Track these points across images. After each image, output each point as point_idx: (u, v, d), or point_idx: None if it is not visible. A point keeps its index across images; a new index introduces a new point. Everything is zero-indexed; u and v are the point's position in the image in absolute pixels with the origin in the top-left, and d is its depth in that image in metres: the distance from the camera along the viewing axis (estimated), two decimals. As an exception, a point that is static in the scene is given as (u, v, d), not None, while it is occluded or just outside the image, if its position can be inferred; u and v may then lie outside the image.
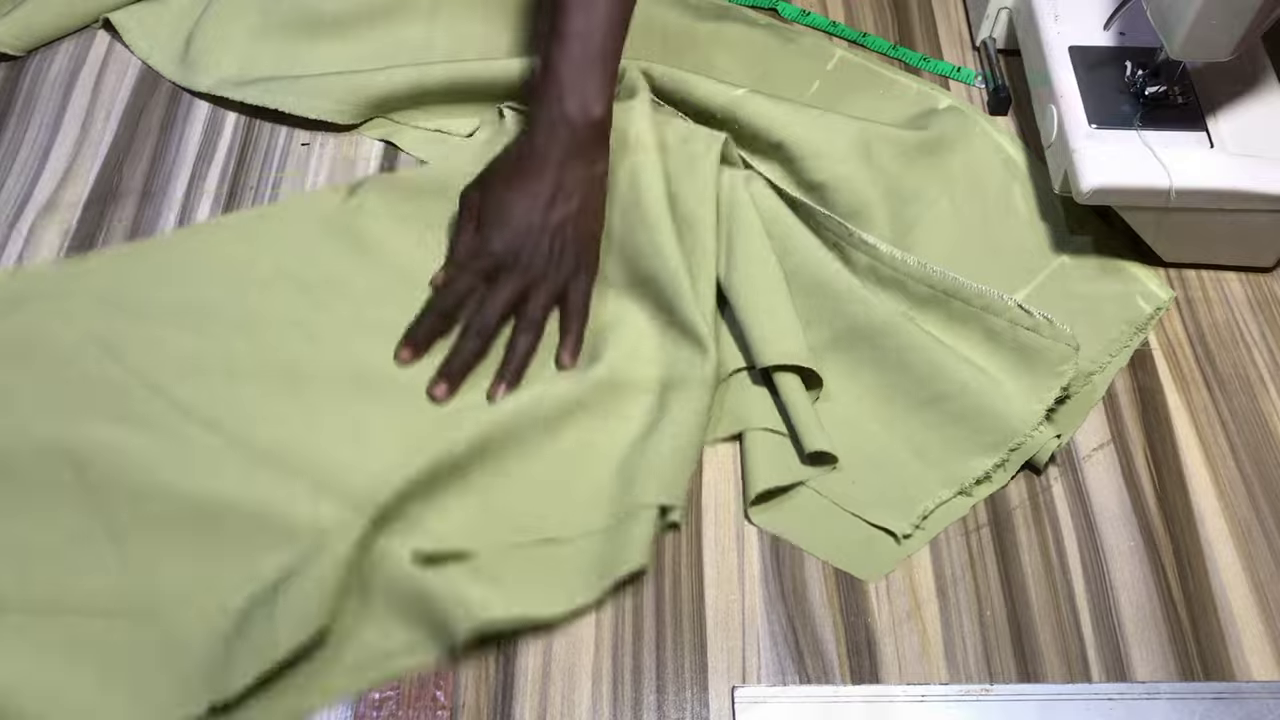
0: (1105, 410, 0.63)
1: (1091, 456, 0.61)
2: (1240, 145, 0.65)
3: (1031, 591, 0.56)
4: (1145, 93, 0.67)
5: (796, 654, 0.53)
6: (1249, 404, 0.63)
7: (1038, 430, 0.58)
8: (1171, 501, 0.59)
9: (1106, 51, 0.70)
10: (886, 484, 0.58)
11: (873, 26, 0.83)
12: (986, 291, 0.61)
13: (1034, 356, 0.59)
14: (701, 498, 0.58)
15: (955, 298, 0.61)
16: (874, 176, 0.68)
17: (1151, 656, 0.54)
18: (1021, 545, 0.57)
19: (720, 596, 0.55)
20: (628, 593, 0.55)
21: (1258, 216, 0.65)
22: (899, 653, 0.54)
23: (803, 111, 0.70)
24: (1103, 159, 0.64)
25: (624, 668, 0.53)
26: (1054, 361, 0.59)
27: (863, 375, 0.61)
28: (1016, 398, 0.58)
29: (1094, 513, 0.59)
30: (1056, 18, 0.72)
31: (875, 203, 0.67)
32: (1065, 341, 0.59)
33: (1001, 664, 0.53)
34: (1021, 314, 0.60)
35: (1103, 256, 0.68)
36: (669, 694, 0.52)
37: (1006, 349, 0.60)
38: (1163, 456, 0.61)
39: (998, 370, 0.60)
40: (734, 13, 0.80)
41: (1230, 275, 0.69)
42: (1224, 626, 0.55)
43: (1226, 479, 0.60)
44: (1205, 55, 0.64)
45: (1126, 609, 0.55)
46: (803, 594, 0.55)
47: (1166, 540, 0.58)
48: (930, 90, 0.76)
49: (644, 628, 0.54)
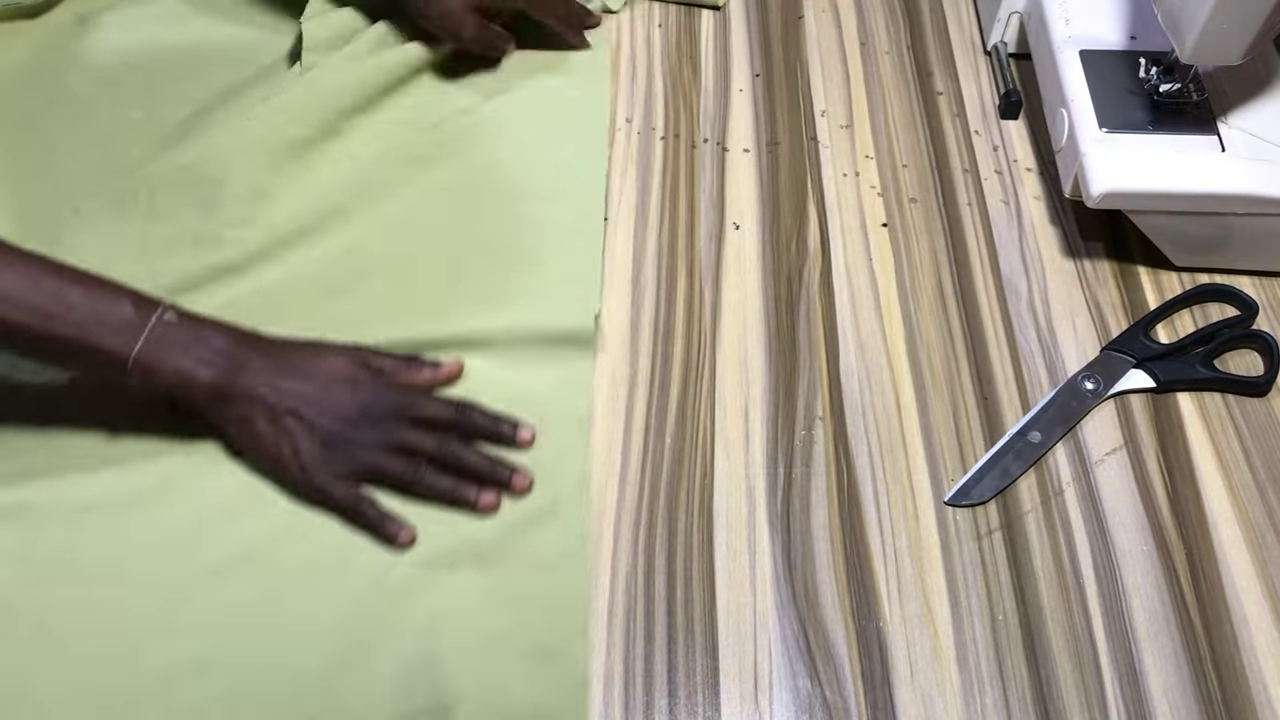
0: (1118, 415, 0.62)
1: (1104, 461, 0.61)
2: (1252, 149, 0.65)
3: (1043, 595, 0.56)
4: (1160, 90, 0.67)
5: (808, 657, 0.53)
6: (1263, 408, 0.63)
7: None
8: (1184, 506, 0.59)
9: (1117, 55, 0.70)
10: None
11: (884, 30, 0.83)
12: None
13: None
14: (713, 503, 0.59)
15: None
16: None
17: (1164, 661, 0.54)
18: (1033, 549, 0.57)
19: (732, 600, 0.55)
20: (639, 596, 0.55)
21: (1270, 220, 0.65)
22: (910, 655, 0.54)
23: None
24: (1113, 163, 0.64)
25: (635, 671, 0.53)
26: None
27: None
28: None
29: (1106, 517, 0.58)
30: (1067, 21, 0.72)
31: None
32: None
33: (1013, 667, 0.53)
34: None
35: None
36: (680, 697, 0.52)
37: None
38: (1175, 461, 0.61)
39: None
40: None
41: (1244, 279, 0.69)
42: (1237, 631, 0.55)
43: (1240, 484, 0.60)
44: (1216, 59, 0.63)
45: (1139, 613, 0.55)
46: (814, 597, 0.55)
47: (1179, 545, 0.58)
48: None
49: (655, 631, 0.54)
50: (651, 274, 0.68)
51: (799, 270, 0.69)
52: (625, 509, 0.58)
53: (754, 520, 0.58)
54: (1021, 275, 0.69)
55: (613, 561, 0.56)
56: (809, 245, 0.70)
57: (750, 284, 0.68)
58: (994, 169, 0.75)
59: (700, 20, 0.84)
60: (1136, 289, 0.68)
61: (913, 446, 0.61)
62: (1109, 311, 0.67)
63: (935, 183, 0.74)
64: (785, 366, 0.64)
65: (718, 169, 0.74)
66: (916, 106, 0.79)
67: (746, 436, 0.61)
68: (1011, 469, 0.60)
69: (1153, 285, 0.68)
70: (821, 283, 0.68)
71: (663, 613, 0.55)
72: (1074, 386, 0.63)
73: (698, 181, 0.73)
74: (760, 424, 0.62)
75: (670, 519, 0.58)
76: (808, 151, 0.75)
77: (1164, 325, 0.66)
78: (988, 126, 0.77)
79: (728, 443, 0.61)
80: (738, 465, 0.60)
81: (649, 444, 0.61)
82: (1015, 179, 0.74)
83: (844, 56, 0.82)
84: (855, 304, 0.67)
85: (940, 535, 0.58)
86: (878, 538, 0.58)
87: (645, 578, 0.56)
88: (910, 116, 0.78)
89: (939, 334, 0.66)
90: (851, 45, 0.82)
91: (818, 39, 0.83)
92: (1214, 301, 0.68)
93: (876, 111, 0.78)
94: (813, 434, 0.61)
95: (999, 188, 0.74)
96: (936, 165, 0.75)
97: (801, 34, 0.83)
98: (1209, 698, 0.52)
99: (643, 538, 0.57)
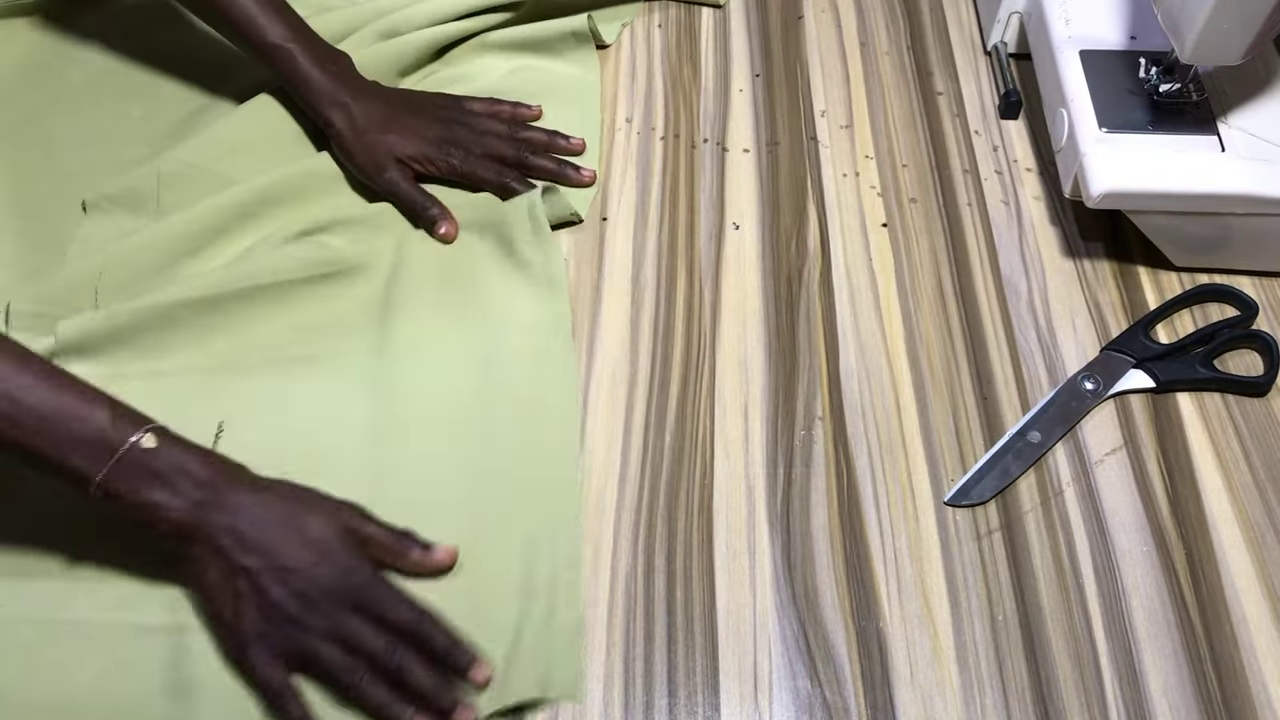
0: (1118, 415, 0.62)
1: (1104, 461, 0.61)
2: (1252, 149, 0.65)
3: (1043, 595, 0.56)
4: (1160, 90, 0.67)
5: (808, 657, 0.53)
6: (1263, 408, 0.63)
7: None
8: (1184, 506, 0.59)
9: (1117, 55, 0.70)
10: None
11: (884, 30, 0.83)
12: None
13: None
14: (713, 503, 0.59)
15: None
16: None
17: (1164, 661, 0.54)
18: (1033, 549, 0.57)
19: (732, 600, 0.55)
20: (639, 596, 0.55)
21: (1270, 220, 0.65)
22: (910, 656, 0.54)
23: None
24: (1113, 163, 0.64)
25: (635, 671, 0.53)
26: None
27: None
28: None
29: (1106, 517, 0.58)
30: (1067, 21, 0.72)
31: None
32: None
33: (1013, 667, 0.53)
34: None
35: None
36: (680, 697, 0.52)
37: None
38: (1175, 461, 0.61)
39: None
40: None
41: (1244, 279, 0.69)
42: (1237, 631, 0.55)
43: (1240, 484, 0.60)
44: (1216, 59, 0.63)
45: (1139, 613, 0.55)
46: (814, 597, 0.55)
47: (1179, 545, 0.58)
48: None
49: (655, 631, 0.54)
50: (651, 274, 0.68)
51: (799, 270, 0.69)
52: (625, 509, 0.58)
53: (754, 520, 0.58)
54: (1021, 275, 0.69)
55: (613, 561, 0.56)
56: (809, 245, 0.70)
57: (750, 284, 0.68)
58: (994, 169, 0.75)
59: (700, 20, 0.84)
60: (1136, 289, 0.68)
61: (912, 447, 0.61)
62: (1109, 311, 0.67)
63: (935, 183, 0.74)
64: (785, 366, 0.64)
65: (717, 169, 0.74)
66: (916, 106, 0.79)
67: (746, 436, 0.61)
68: (1011, 469, 0.60)
69: (1153, 285, 0.68)
70: (821, 283, 0.68)
71: (663, 613, 0.55)
72: (1074, 386, 0.63)
73: (697, 181, 0.73)
74: (760, 424, 0.62)
75: (670, 519, 0.58)
76: (808, 151, 0.75)
77: (1164, 325, 0.66)
78: (988, 126, 0.77)
79: (727, 442, 0.61)
80: (737, 465, 0.60)
81: (649, 444, 0.61)
82: (1015, 179, 0.74)
83: (844, 56, 0.82)
84: (855, 304, 0.67)
85: (940, 535, 0.58)
86: (877, 538, 0.58)
87: (645, 578, 0.56)
88: (910, 116, 0.78)
89: (939, 334, 0.66)
90: (851, 45, 0.82)
91: (818, 39, 0.83)
92: (1214, 301, 0.68)
93: (876, 111, 0.78)
94: (812, 434, 0.61)
95: (999, 188, 0.74)
96: (936, 165, 0.75)
97: (801, 34, 0.83)
98: (1209, 698, 0.52)
99: (642, 537, 0.57)
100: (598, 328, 0.66)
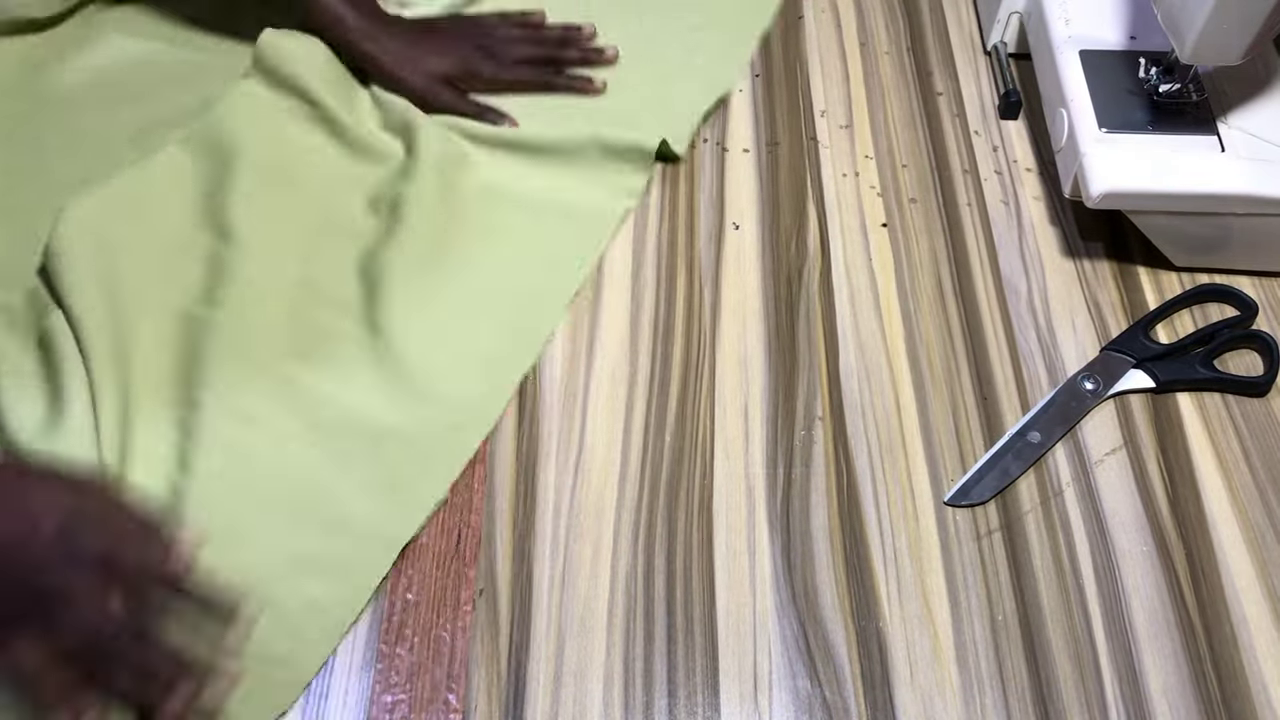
0: (1117, 415, 0.62)
1: (1104, 461, 0.61)
2: (1251, 149, 0.65)
3: (1043, 595, 0.56)
4: (1159, 90, 0.67)
5: (808, 657, 0.53)
6: (1263, 408, 0.63)
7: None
8: (1184, 507, 0.59)
9: (1117, 55, 0.70)
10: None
11: (884, 30, 0.83)
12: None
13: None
14: (713, 503, 0.59)
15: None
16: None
17: (1164, 661, 0.54)
18: (1033, 549, 0.57)
19: (731, 600, 0.55)
20: (639, 596, 0.55)
21: (1270, 220, 0.65)
22: (910, 656, 0.54)
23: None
24: (1113, 163, 0.64)
25: (635, 671, 0.53)
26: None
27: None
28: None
29: (1106, 517, 0.58)
30: (1067, 21, 0.72)
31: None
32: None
33: (1013, 667, 0.53)
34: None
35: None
36: (680, 697, 0.52)
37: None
38: (1175, 461, 0.61)
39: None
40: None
41: (1244, 279, 0.69)
42: (1237, 632, 0.55)
43: (1240, 484, 0.60)
44: (1216, 59, 0.63)
45: (1139, 614, 0.55)
46: (814, 597, 0.55)
47: (1179, 545, 0.58)
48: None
49: (655, 631, 0.54)
50: (651, 273, 0.68)
51: (799, 270, 0.69)
52: (625, 508, 0.58)
53: (754, 520, 0.58)
54: (1021, 275, 0.69)
55: (612, 561, 0.56)
56: (809, 245, 0.70)
57: (750, 284, 0.68)
58: (994, 169, 0.75)
59: (700, 20, 0.84)
60: (1136, 289, 0.68)
61: (912, 446, 0.61)
62: (1109, 311, 0.67)
63: (935, 183, 0.74)
64: (785, 366, 0.64)
65: (717, 169, 0.74)
66: (916, 106, 0.79)
67: (746, 436, 0.61)
68: (1011, 469, 0.60)
69: (1152, 285, 0.69)
70: (821, 283, 0.68)
71: (662, 613, 0.55)
72: (1073, 386, 0.63)
73: (697, 181, 0.73)
74: (760, 424, 0.62)
75: (670, 519, 0.58)
76: (807, 151, 0.75)
77: (1164, 325, 0.66)
78: (987, 127, 0.77)
79: (727, 442, 0.61)
80: (737, 465, 0.60)
81: (649, 443, 0.61)
82: (1015, 179, 0.74)
83: (844, 56, 0.82)
84: (855, 304, 0.67)
85: (940, 535, 0.58)
86: (877, 538, 0.58)
87: (645, 578, 0.56)
88: (910, 116, 0.78)
89: (939, 334, 0.66)
90: (851, 45, 0.82)
91: (817, 39, 0.83)
92: (1214, 301, 0.68)
93: (876, 111, 0.78)
94: (812, 434, 0.61)
95: (999, 188, 0.74)
96: (936, 165, 0.75)
97: (801, 34, 0.83)
98: (1209, 698, 0.53)
99: (642, 537, 0.57)
100: (597, 328, 0.66)
